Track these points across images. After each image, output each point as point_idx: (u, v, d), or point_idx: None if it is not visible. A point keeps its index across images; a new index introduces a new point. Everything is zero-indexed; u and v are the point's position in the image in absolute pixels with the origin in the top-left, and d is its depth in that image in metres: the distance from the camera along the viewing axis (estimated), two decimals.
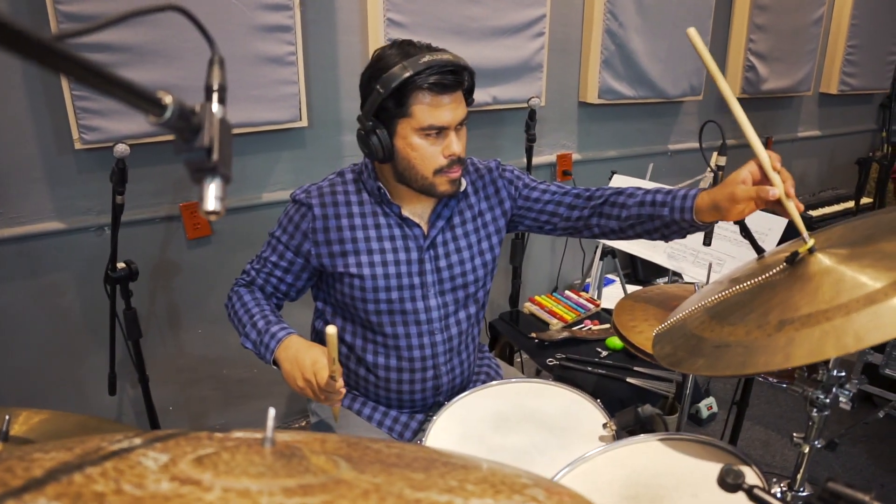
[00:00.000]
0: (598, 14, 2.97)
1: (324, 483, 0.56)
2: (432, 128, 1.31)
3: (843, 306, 0.82)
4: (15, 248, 2.05)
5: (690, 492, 0.97)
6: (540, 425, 1.36)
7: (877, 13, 4.35)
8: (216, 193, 0.56)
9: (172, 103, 0.50)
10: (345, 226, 1.44)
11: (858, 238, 1.04)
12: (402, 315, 1.49)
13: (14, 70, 1.90)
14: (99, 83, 0.42)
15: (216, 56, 0.61)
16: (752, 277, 1.10)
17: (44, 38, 0.36)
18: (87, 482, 0.52)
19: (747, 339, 0.91)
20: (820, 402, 1.10)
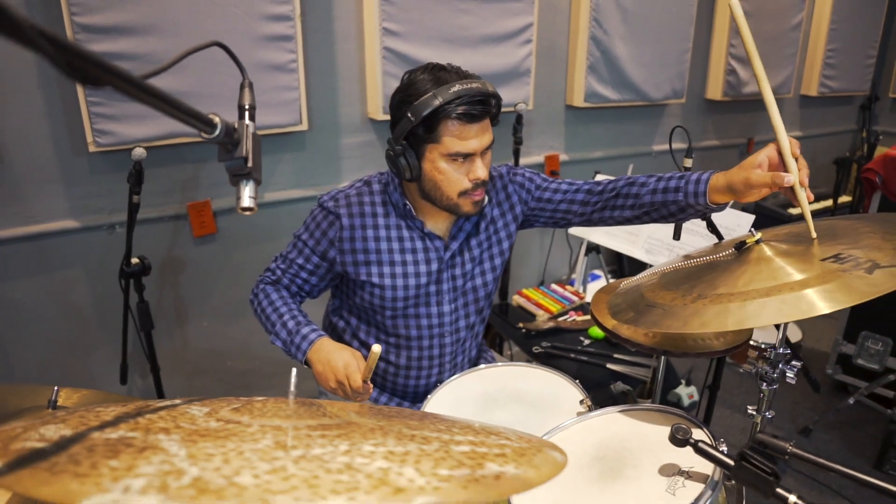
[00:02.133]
0: (583, 22, 3.11)
1: (338, 423, 0.71)
2: (459, 154, 1.35)
3: (744, 293, 0.97)
4: (30, 245, 2.17)
5: (650, 451, 1.12)
6: (523, 403, 1.50)
7: (855, 18, 4.51)
8: (250, 193, 0.70)
9: (220, 123, 0.63)
10: (370, 237, 1.49)
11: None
12: (416, 319, 1.58)
13: (31, 77, 2.02)
14: (171, 110, 0.55)
15: (246, 81, 0.74)
16: (706, 254, 1.25)
17: (135, 77, 0.49)
18: (150, 422, 0.66)
19: (670, 304, 1.06)
20: (768, 377, 1.24)
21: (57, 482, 0.49)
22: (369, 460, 0.57)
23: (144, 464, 0.52)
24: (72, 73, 0.42)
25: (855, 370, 2.93)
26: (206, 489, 0.48)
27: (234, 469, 0.53)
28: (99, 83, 0.45)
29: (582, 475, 1.11)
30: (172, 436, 0.61)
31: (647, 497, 1.01)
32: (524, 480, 0.60)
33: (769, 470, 0.89)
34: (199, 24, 2.14)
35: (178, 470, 0.51)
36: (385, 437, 0.66)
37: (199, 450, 0.57)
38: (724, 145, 4.25)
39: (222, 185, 2.45)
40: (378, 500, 0.49)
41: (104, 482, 0.48)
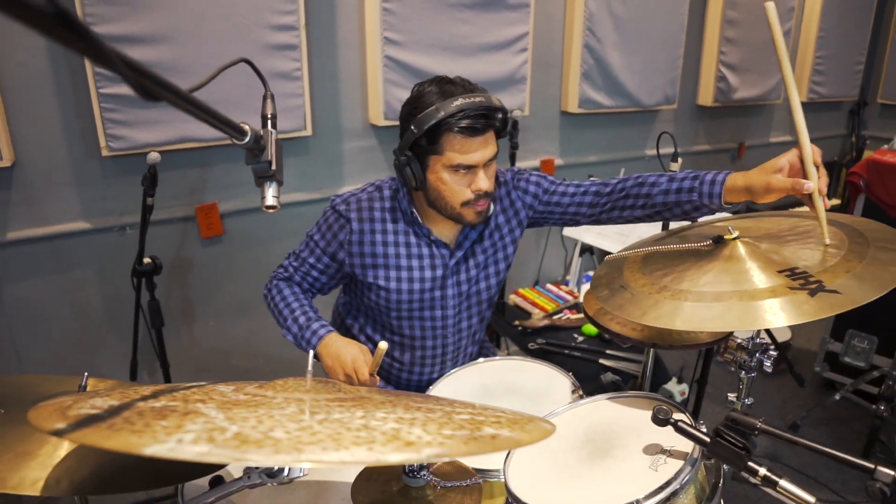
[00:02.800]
0: (577, 30, 3.21)
1: (352, 398, 0.80)
2: (461, 166, 1.39)
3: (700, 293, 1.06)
4: (43, 246, 2.25)
5: (636, 433, 1.20)
6: (519, 394, 1.58)
7: (843, 26, 4.62)
8: (274, 193, 0.79)
9: (250, 130, 0.72)
10: (378, 241, 1.55)
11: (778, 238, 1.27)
12: (420, 321, 1.65)
13: (48, 85, 2.11)
14: (211, 120, 0.64)
15: (269, 93, 0.83)
16: (685, 241, 1.33)
17: (185, 92, 0.58)
18: (186, 396, 0.75)
19: (639, 289, 1.15)
20: (746, 365, 1.33)
21: (118, 437, 0.58)
22: (383, 423, 0.66)
23: (190, 423, 0.61)
24: (140, 89, 0.51)
25: (842, 368, 3.02)
26: (246, 440, 0.57)
27: (267, 427, 0.62)
28: (158, 98, 0.54)
29: (573, 455, 1.20)
30: (209, 405, 0.70)
31: (631, 473, 1.10)
32: (517, 440, 0.69)
33: (741, 445, 0.98)
34: (208, 33, 2.23)
35: (220, 427, 0.60)
36: (395, 408, 0.75)
37: (234, 414, 0.66)
38: (715, 150, 4.35)
39: (229, 188, 2.54)
40: (392, 451, 0.58)
41: (159, 436, 0.57)
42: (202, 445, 0.56)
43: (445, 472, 1.16)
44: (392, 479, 1.12)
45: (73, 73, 2.13)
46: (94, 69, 2.08)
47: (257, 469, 0.82)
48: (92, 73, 2.09)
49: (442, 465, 1.18)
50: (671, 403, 1.26)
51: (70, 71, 2.13)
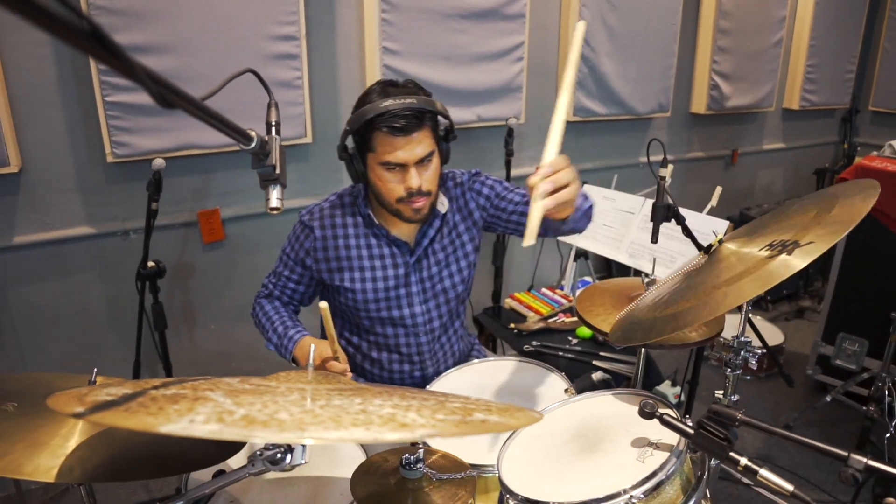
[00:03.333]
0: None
1: (352, 389, 0.84)
2: (390, 164, 1.47)
3: (725, 281, 1.11)
4: (48, 250, 2.30)
5: (625, 428, 1.25)
6: (512, 393, 1.63)
7: (834, 34, 4.69)
8: (278, 195, 0.84)
9: (256, 136, 0.77)
10: (341, 245, 1.64)
11: (757, 230, 1.33)
12: (391, 320, 1.70)
13: (55, 92, 2.17)
14: (221, 126, 0.69)
15: (273, 101, 0.88)
16: (686, 267, 1.39)
17: (198, 100, 0.63)
18: (195, 386, 0.80)
19: (646, 317, 1.20)
20: (732, 363, 1.38)
21: (135, 417, 0.63)
22: (380, 408, 0.71)
23: (201, 407, 0.66)
24: (160, 98, 0.56)
25: (834, 370, 3.07)
26: (253, 421, 0.62)
27: (273, 410, 0.66)
28: (174, 106, 0.60)
29: (564, 450, 1.24)
30: (217, 392, 0.75)
31: (620, 465, 1.15)
32: (505, 425, 0.74)
33: (723, 436, 1.03)
34: (212, 43, 2.29)
35: (229, 411, 0.65)
36: (391, 397, 0.80)
37: (241, 400, 0.70)
38: (708, 157, 4.41)
39: (231, 194, 2.59)
40: (388, 430, 0.62)
41: (172, 417, 0.62)
42: (213, 425, 0.60)
43: (441, 465, 1.20)
44: (389, 472, 1.16)
45: (80, 81, 2.18)
46: (100, 78, 2.13)
47: (260, 456, 0.87)
48: (98, 81, 2.14)
49: (437, 459, 1.22)
50: (659, 399, 1.31)
51: (76, 79, 2.18)
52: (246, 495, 1.23)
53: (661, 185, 1.81)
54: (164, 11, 2.19)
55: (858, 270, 2.97)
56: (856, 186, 1.24)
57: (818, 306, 4.13)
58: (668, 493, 1.11)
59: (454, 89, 2.89)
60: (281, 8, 2.40)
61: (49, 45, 2.12)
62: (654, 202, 1.74)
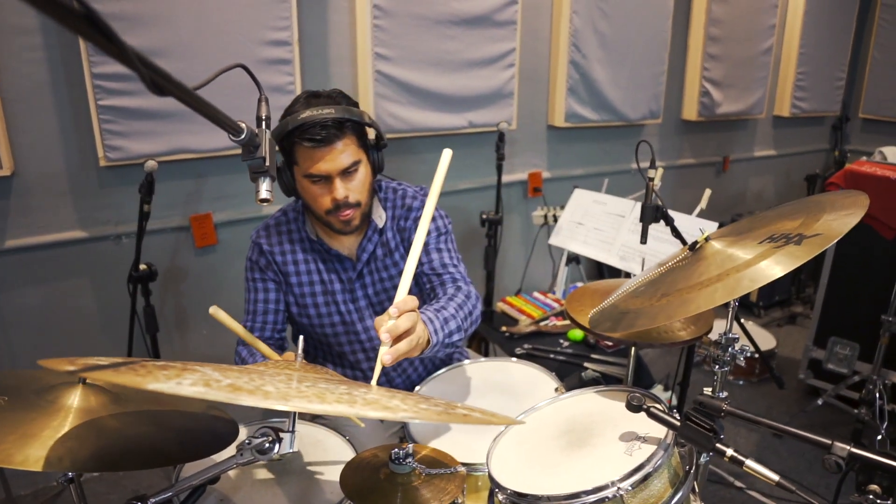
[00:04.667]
0: (563, 46, 3.31)
1: (339, 380, 0.85)
2: (312, 176, 1.44)
3: (700, 283, 1.13)
4: (41, 254, 2.30)
5: (613, 423, 1.26)
6: (503, 392, 1.64)
7: (824, 43, 4.75)
8: (267, 187, 0.85)
9: (246, 128, 0.79)
10: (289, 261, 1.62)
11: (746, 229, 1.35)
12: (346, 336, 1.68)
13: (47, 95, 2.18)
14: (212, 116, 0.70)
15: (263, 96, 0.90)
16: (668, 262, 1.41)
17: (190, 89, 0.64)
18: (184, 363, 0.81)
19: (640, 307, 1.21)
20: (720, 360, 1.39)
21: (124, 376, 0.63)
22: (364, 394, 0.72)
23: (189, 375, 0.67)
24: (151, 84, 0.57)
25: (825, 374, 3.08)
26: (239, 389, 0.63)
27: (259, 384, 0.67)
28: (166, 93, 0.61)
29: (553, 444, 1.25)
30: (205, 367, 0.75)
31: (607, 458, 1.15)
32: (486, 419, 0.75)
33: (709, 427, 1.04)
34: (204, 48, 2.30)
35: (216, 379, 0.65)
36: (371, 390, 0.80)
37: (228, 374, 0.71)
38: (700, 164, 4.44)
39: (223, 199, 2.60)
40: (373, 411, 0.63)
41: (160, 378, 0.63)
42: (199, 387, 0.61)
43: (430, 460, 1.21)
44: (379, 467, 1.17)
45: (73, 84, 2.19)
46: (93, 82, 2.14)
47: (249, 445, 0.87)
48: (91, 85, 2.15)
49: (427, 454, 1.23)
50: (648, 395, 1.32)
51: (69, 83, 2.19)
52: (237, 493, 1.23)
53: (650, 187, 1.83)
54: (157, 16, 2.20)
55: (849, 274, 2.99)
56: (846, 198, 1.26)
57: (810, 312, 4.15)
58: (656, 486, 1.12)
59: (446, 95, 2.91)
60: (273, 13, 2.42)
61: (42, 48, 2.13)
62: (642, 203, 1.77)
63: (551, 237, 2.69)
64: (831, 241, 1.04)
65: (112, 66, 2.16)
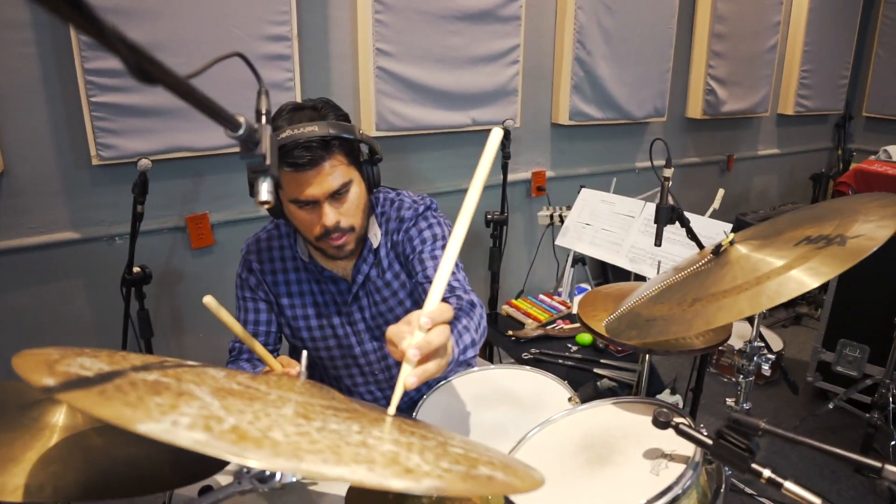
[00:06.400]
0: (568, 43, 3.24)
1: (346, 408, 0.77)
2: (298, 201, 1.30)
3: (736, 287, 1.06)
4: (32, 255, 2.22)
5: (635, 438, 1.19)
6: (513, 403, 1.56)
7: (828, 41, 4.69)
8: (268, 188, 0.77)
9: (244, 123, 0.71)
10: (280, 281, 1.51)
11: (776, 231, 1.28)
12: (343, 360, 1.58)
13: (38, 91, 2.10)
14: (206, 108, 0.63)
15: (263, 88, 0.82)
16: (688, 266, 1.34)
17: (182, 77, 0.57)
18: (178, 374, 0.73)
19: (669, 313, 1.14)
20: (745, 370, 1.32)
21: (110, 406, 0.55)
22: (380, 442, 0.64)
23: (185, 405, 0.59)
24: (136, 70, 0.49)
25: (834, 377, 3.02)
26: (245, 436, 0.55)
27: (265, 425, 0.59)
28: (154, 81, 0.53)
29: (572, 462, 1.18)
30: (202, 388, 0.67)
31: (632, 479, 1.08)
32: (512, 486, 0.67)
33: (744, 446, 0.97)
34: (203, 43, 2.22)
35: (216, 416, 0.57)
36: (389, 428, 0.73)
37: (230, 404, 0.63)
38: (704, 162, 4.38)
39: (220, 198, 2.52)
40: (392, 475, 0.55)
41: (154, 413, 0.55)
42: (198, 432, 0.53)
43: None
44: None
45: (64, 81, 2.11)
46: (85, 78, 2.07)
47: (248, 474, 0.80)
48: (83, 81, 2.07)
49: None
50: (671, 408, 1.25)
51: (61, 79, 2.11)
52: None
53: (665, 187, 1.76)
54: (152, 9, 2.12)
55: (859, 275, 2.91)
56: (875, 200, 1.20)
57: (816, 312, 4.10)
58: None
59: (448, 92, 2.84)
60: (272, 7, 2.34)
61: (33, 43, 2.05)
62: (657, 204, 1.69)
63: (558, 238, 2.62)
64: (877, 244, 0.98)
65: (105, 61, 2.08)
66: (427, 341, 0.83)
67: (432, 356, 0.86)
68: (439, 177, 3.00)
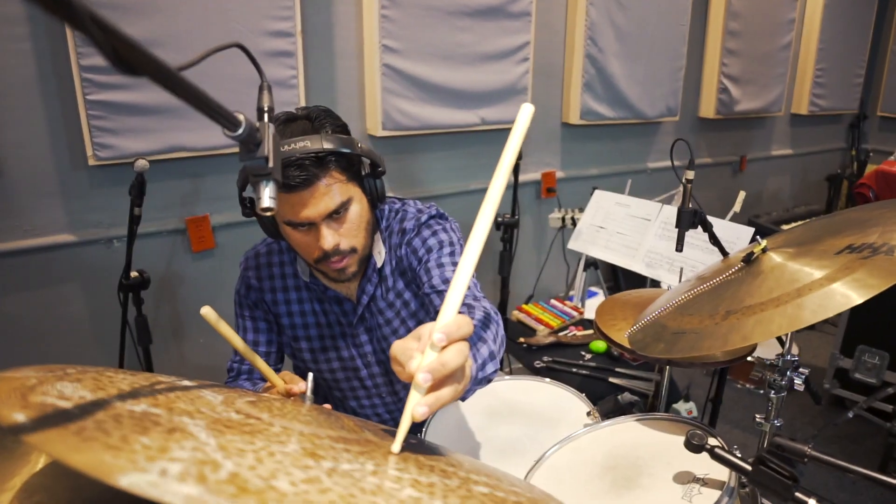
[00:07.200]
0: (579, 40, 3.16)
1: (357, 439, 0.69)
2: (292, 223, 1.19)
3: (775, 300, 0.98)
4: (27, 259, 2.15)
5: (663, 459, 1.11)
6: (529, 417, 1.48)
7: (843, 39, 4.60)
8: (270, 194, 0.69)
9: (244, 121, 0.63)
10: (280, 300, 1.41)
11: (808, 238, 1.20)
12: (347, 382, 1.48)
13: (33, 89, 2.02)
14: (200, 104, 0.55)
15: (265, 83, 0.74)
16: (716, 276, 1.26)
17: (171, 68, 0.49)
18: (170, 401, 0.65)
19: (700, 326, 1.06)
20: (776, 384, 1.24)
21: (88, 450, 0.47)
22: (398, 486, 0.56)
23: (177, 447, 0.50)
24: (115, 59, 0.42)
25: (852, 384, 2.93)
26: (245, 488, 0.47)
27: (269, 471, 0.51)
28: (138, 72, 0.45)
29: (594, 485, 1.10)
30: (197, 420, 0.59)
31: None
32: None
33: (787, 473, 0.89)
34: (203, 39, 2.15)
35: (212, 461, 0.49)
36: (406, 464, 0.65)
37: (228, 442, 0.55)
38: (716, 163, 4.29)
39: (221, 200, 2.45)
40: None
41: (139, 460, 0.46)
42: (191, 485, 0.45)
43: None
44: None
45: (60, 78, 2.04)
46: (81, 75, 1.99)
47: None
48: (79, 78, 2.00)
49: None
50: (702, 427, 1.17)
51: (57, 76, 2.04)
52: None
53: (688, 189, 1.68)
54: (150, 5, 2.05)
55: None
56: None
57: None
58: None
59: (456, 90, 2.76)
60: (276, 2, 2.26)
61: (28, 39, 1.97)
62: (679, 207, 1.61)
63: (570, 241, 2.53)
64: None
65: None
66: (441, 363, 0.67)
67: (447, 381, 0.70)
68: (447, 178, 2.92)
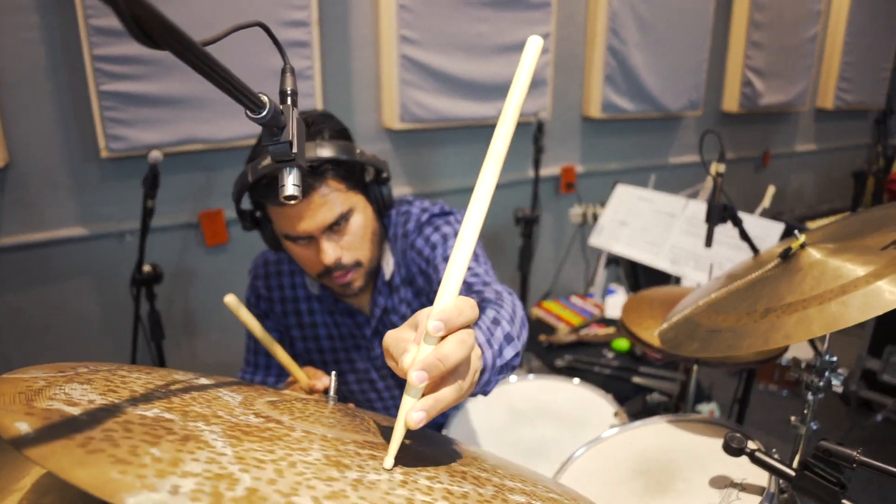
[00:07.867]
0: (600, 31, 3.08)
1: (384, 444, 0.64)
2: (290, 237, 1.12)
3: (817, 297, 0.92)
4: (39, 252, 2.12)
5: (699, 464, 1.05)
6: (553, 418, 1.43)
7: (870, 31, 4.49)
8: (294, 181, 0.64)
9: (269, 103, 0.58)
10: (290, 311, 1.34)
11: (847, 234, 1.13)
12: (363, 394, 1.41)
13: (45, 80, 1.99)
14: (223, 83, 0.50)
15: (288, 66, 0.70)
16: (749, 272, 1.19)
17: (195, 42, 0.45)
18: (185, 404, 0.60)
19: (737, 324, 1.00)
20: (814, 386, 1.17)
21: (94, 465, 0.42)
22: (430, 498, 0.51)
23: (190, 458, 0.46)
24: (136, 29, 0.37)
25: (879, 386, 2.85)
26: None
27: (290, 486, 0.46)
28: (160, 44, 0.41)
29: (626, 488, 1.04)
30: (213, 426, 0.55)
31: None
32: None
33: (834, 479, 0.83)
34: (218, 28, 2.09)
35: (229, 475, 0.44)
36: (437, 471, 0.60)
37: (245, 451, 0.51)
38: (738, 158, 4.20)
39: None
40: None
41: (149, 475, 0.42)
42: None
43: None
44: None
45: (72, 68, 2.00)
46: (94, 65, 1.96)
47: None
48: (91, 68, 1.96)
49: None
50: (738, 429, 1.10)
51: (69, 66, 2.00)
52: None
53: (718, 184, 1.62)
54: None
55: None
56: None
57: None
58: None
59: (475, 82, 2.70)
60: None
61: (39, 28, 1.94)
62: (709, 201, 1.55)
63: (591, 237, 2.46)
64: None
65: (115, 47, 1.97)
66: (439, 358, 0.54)
67: (448, 378, 0.57)
68: (465, 172, 2.85)
